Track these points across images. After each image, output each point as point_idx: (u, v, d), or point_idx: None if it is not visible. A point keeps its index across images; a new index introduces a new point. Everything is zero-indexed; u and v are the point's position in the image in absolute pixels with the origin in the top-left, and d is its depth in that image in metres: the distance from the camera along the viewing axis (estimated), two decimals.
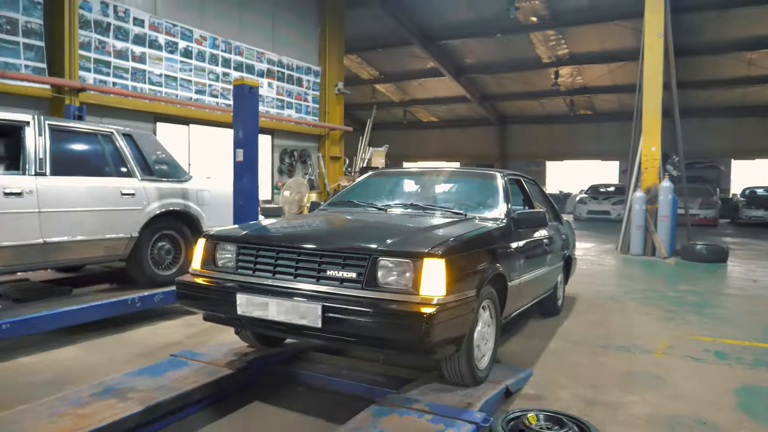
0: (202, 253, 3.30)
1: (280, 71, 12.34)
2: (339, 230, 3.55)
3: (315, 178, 13.40)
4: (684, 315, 5.52)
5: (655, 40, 9.91)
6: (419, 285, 2.67)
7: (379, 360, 3.78)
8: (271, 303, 2.85)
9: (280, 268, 2.99)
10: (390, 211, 3.98)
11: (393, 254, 2.77)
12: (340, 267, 2.83)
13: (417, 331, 2.56)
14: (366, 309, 2.65)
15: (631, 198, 10.21)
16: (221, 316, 3.19)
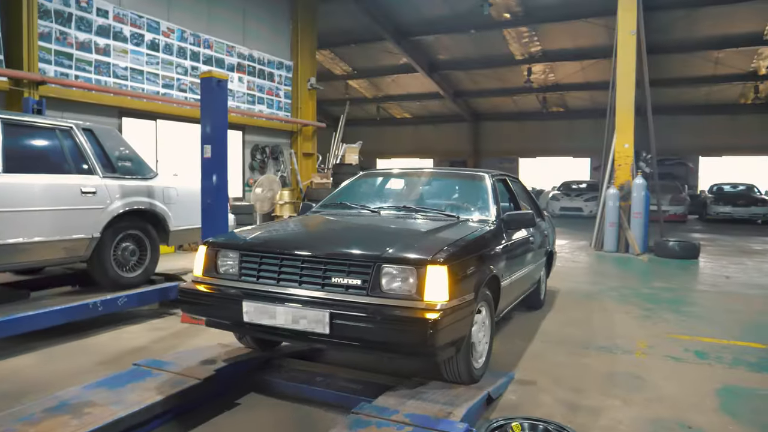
0: (204, 260, 3.29)
1: (250, 65, 12.06)
2: (340, 236, 3.55)
3: (287, 175, 13.15)
4: (661, 313, 5.50)
5: (628, 38, 9.94)
6: (423, 291, 2.75)
7: (356, 366, 3.64)
8: (278, 310, 2.88)
9: (284, 275, 3.02)
10: (383, 213, 4.04)
11: (397, 261, 2.84)
12: (345, 274, 2.89)
13: (423, 336, 2.63)
14: (374, 315, 2.72)
15: (604, 195, 10.24)
16: (226, 324, 3.22)
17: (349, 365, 3.63)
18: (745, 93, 20.82)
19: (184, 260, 8.40)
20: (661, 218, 10.56)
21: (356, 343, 2.84)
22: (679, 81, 19.24)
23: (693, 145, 22.42)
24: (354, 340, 2.81)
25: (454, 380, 3.15)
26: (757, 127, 21.74)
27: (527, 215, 4.02)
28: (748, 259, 9.46)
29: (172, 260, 8.40)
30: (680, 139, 21.49)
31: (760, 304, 6.04)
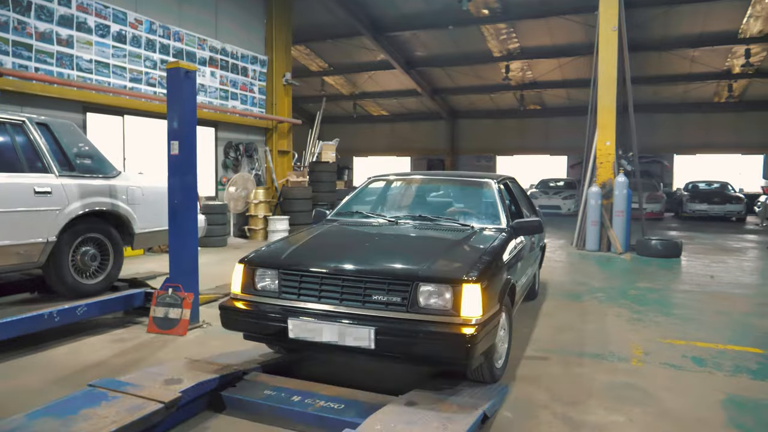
0: (242, 277, 3.43)
1: (223, 60, 11.63)
2: (375, 253, 3.57)
3: (262, 173, 12.76)
4: (651, 316, 5.32)
5: (610, 34, 9.81)
6: (460, 307, 2.94)
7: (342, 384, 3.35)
8: (323, 327, 3.02)
9: (325, 293, 3.16)
10: (401, 223, 4.19)
11: (434, 280, 3.02)
12: (385, 292, 3.04)
13: (462, 350, 2.84)
14: (417, 331, 2.90)
15: (586, 193, 10.10)
16: (269, 339, 3.41)
17: (329, 380, 3.34)
18: (719, 91, 21.00)
19: (153, 263, 8.00)
20: (642, 216, 10.46)
21: (401, 357, 3.03)
22: (656, 79, 19.30)
23: (668, 143, 22.55)
24: (397, 354, 3.01)
25: (477, 380, 3.35)
26: (730, 125, 21.97)
27: (535, 223, 4.17)
28: (728, 257, 9.40)
29: (139, 263, 7.99)
30: (656, 137, 21.60)
31: (748, 305, 5.90)
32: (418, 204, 4.80)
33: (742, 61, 17.34)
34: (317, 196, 12.52)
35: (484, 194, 4.61)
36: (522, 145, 25.25)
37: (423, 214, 4.29)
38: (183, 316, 4.52)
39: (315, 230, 4.15)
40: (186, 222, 4.58)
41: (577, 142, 10.31)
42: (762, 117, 21.42)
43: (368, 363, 3.79)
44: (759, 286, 6.95)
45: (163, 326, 4.54)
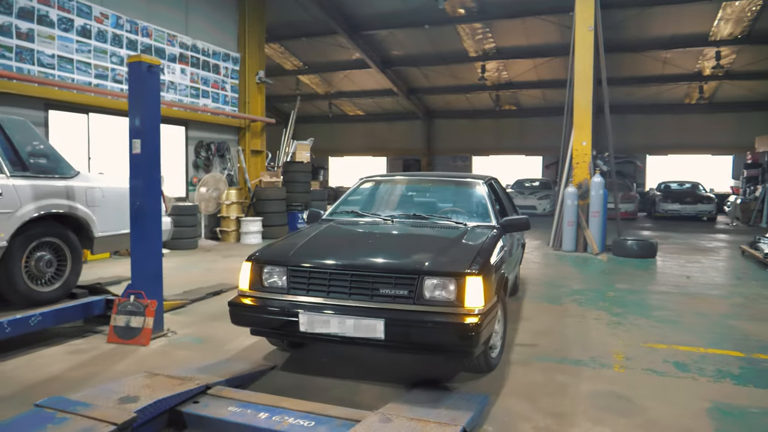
0: (250, 275, 3.55)
1: (194, 56, 11.31)
2: (379, 249, 3.76)
3: (235, 173, 12.45)
4: (631, 318, 5.23)
5: (586, 34, 9.77)
6: (463, 299, 3.14)
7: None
8: (333, 320, 3.20)
9: (333, 288, 3.32)
10: (397, 222, 4.36)
11: (439, 274, 3.22)
12: (392, 286, 3.23)
13: (468, 338, 3.04)
14: (424, 321, 3.10)
15: (562, 193, 10.05)
16: (279, 333, 3.56)
17: (297, 394, 3.15)
18: (690, 93, 21.30)
19: (120, 266, 7.68)
20: (618, 216, 10.45)
21: (409, 347, 3.23)
22: (630, 80, 19.46)
23: (641, 143, 22.80)
24: (406, 344, 3.21)
25: (474, 370, 3.62)
26: (700, 126, 22.31)
27: (523, 220, 4.34)
28: (702, 257, 9.44)
29: (105, 267, 7.67)
30: (629, 137, 21.78)
31: (724, 306, 5.86)
32: (410, 203, 4.99)
33: (713, 63, 17.59)
34: (291, 196, 12.27)
35: (474, 194, 4.81)
36: (498, 145, 25.30)
37: (417, 213, 4.48)
38: (146, 324, 4.28)
39: (314, 229, 4.22)
40: (149, 225, 4.33)
41: (552, 143, 10.30)
42: (731, 118, 21.80)
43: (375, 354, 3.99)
44: (733, 286, 6.94)
45: (125, 336, 4.29)
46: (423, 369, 3.79)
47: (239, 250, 10.14)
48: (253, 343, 4.39)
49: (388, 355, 4.00)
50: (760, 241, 8.81)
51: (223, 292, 6.28)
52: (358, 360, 4.00)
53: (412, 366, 3.85)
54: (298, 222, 12.32)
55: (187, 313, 5.38)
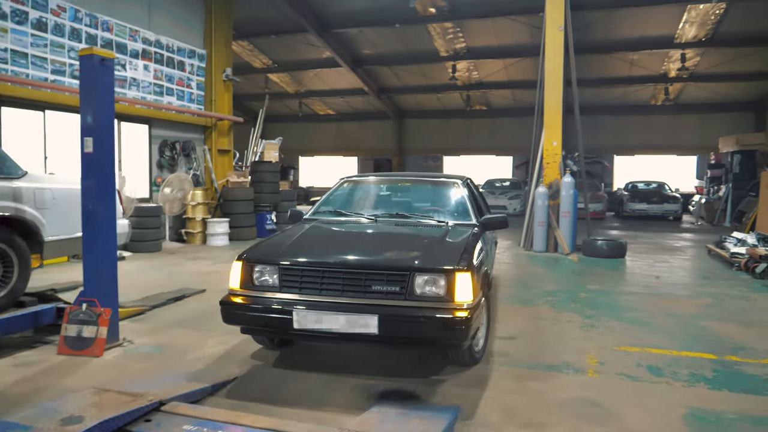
0: (241, 273, 3.57)
1: (158, 52, 10.95)
2: (369, 248, 3.86)
3: (201, 173, 12.12)
4: (603, 320, 5.17)
5: (556, 33, 9.76)
6: (453, 294, 3.25)
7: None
8: (327, 317, 3.25)
9: (326, 285, 3.37)
10: (380, 221, 4.42)
11: (429, 271, 3.32)
12: (384, 283, 3.31)
13: (458, 331, 3.18)
14: (418, 315, 3.20)
15: (533, 194, 10.03)
16: (272, 331, 3.60)
17: (254, 409, 2.97)
18: (656, 94, 21.65)
19: (79, 271, 7.34)
20: (588, 216, 10.48)
21: (403, 341, 3.35)
22: (598, 81, 19.66)
23: (609, 143, 23.09)
24: (399, 338, 3.31)
25: (459, 363, 3.76)
26: (666, 127, 22.71)
27: (501, 218, 4.50)
28: (670, 257, 9.51)
29: (61, 272, 7.33)
30: (597, 137, 21.99)
31: (694, 306, 5.86)
32: (392, 203, 5.05)
33: (678, 65, 17.89)
34: (259, 197, 12.00)
35: (453, 193, 4.94)
36: (469, 145, 25.35)
37: (399, 212, 4.57)
38: (99, 334, 4.03)
39: (299, 229, 4.25)
40: (102, 228, 4.09)
41: (522, 143, 10.31)
42: (695, 120, 22.26)
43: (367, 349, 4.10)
44: (701, 286, 6.97)
45: (76, 347, 4.03)
46: (400, 370, 3.65)
47: (205, 252, 9.85)
48: (217, 351, 4.19)
49: (366, 353, 3.85)
50: (726, 240, 8.92)
51: (185, 297, 6.04)
52: (336, 360, 3.84)
53: (391, 365, 3.70)
54: (266, 223, 12.07)
55: (147, 320, 5.13)
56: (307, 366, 3.89)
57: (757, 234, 8.30)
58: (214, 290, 6.44)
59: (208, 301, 5.96)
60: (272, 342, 4.11)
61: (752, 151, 15.69)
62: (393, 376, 3.66)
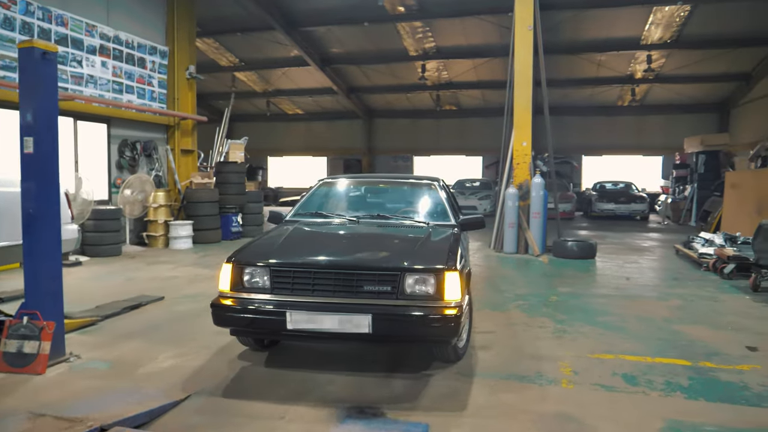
0: (231, 276, 3.57)
1: (117, 49, 10.52)
2: (358, 248, 3.89)
3: (163, 174, 11.71)
4: (576, 325, 5.05)
5: (525, 33, 9.69)
6: (443, 292, 3.35)
7: None
8: (320, 317, 3.31)
9: (318, 286, 3.42)
10: (363, 222, 4.46)
11: (420, 271, 3.41)
12: (376, 283, 3.39)
13: (449, 329, 3.30)
14: (409, 315, 3.28)
15: (503, 195, 9.94)
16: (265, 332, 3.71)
17: (212, 427, 2.74)
18: (622, 95, 21.93)
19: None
20: (558, 218, 10.44)
21: (396, 339, 3.49)
22: (566, 82, 19.79)
23: (577, 144, 23.31)
24: (392, 337, 3.44)
25: (445, 360, 3.86)
26: (632, 128, 23.04)
27: (479, 219, 4.61)
28: (639, 257, 9.53)
29: (8, 279, 6.92)
30: (566, 138, 22.15)
31: (666, 309, 5.80)
32: (372, 204, 5.13)
33: (644, 67, 18.11)
34: (225, 198, 11.66)
35: (431, 194, 5.03)
36: (438, 145, 25.32)
37: (381, 213, 4.63)
38: (41, 350, 3.72)
39: (284, 230, 4.27)
40: (45, 234, 3.78)
41: (492, 143, 10.25)
42: (660, 120, 22.62)
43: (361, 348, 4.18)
44: (671, 287, 6.94)
45: (16, 363, 3.72)
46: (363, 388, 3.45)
47: (167, 256, 9.49)
48: (170, 366, 3.92)
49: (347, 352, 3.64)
50: (694, 240, 8.96)
51: (142, 305, 5.73)
52: (303, 374, 3.61)
53: (355, 383, 3.50)
54: (231, 225, 11.74)
55: (98, 331, 4.81)
56: (263, 385, 3.66)
57: (724, 234, 8.35)
58: (173, 297, 6.14)
59: (166, 308, 5.67)
60: (259, 343, 4.12)
61: (716, 152, 15.96)
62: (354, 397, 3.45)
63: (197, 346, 4.36)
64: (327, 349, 4.27)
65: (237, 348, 4.25)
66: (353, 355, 4.13)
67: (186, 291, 6.55)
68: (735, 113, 20.75)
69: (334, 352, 4.23)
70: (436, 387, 3.53)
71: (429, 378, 3.67)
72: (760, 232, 6.38)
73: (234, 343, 4.31)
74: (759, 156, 13.70)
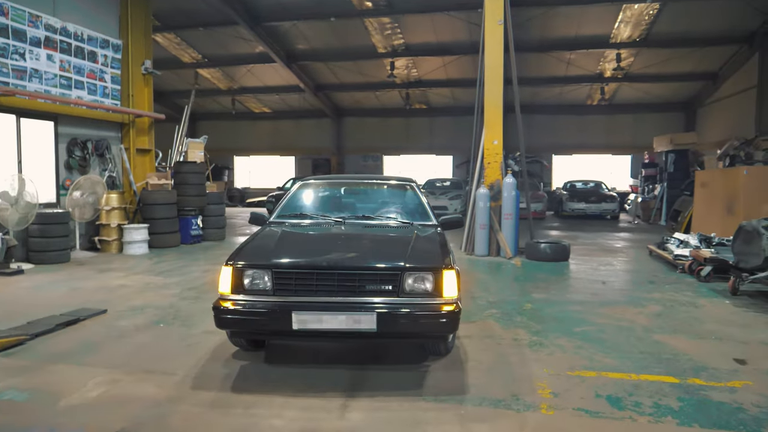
0: (231, 279, 3.56)
1: (64, 41, 9.84)
2: (353, 249, 3.87)
3: (118, 175, 11.05)
4: (552, 337, 4.71)
5: (495, 28, 9.37)
6: (441, 290, 3.47)
7: None
8: (326, 316, 3.35)
9: (320, 287, 3.47)
10: (349, 222, 4.52)
11: (419, 270, 3.51)
12: (378, 282, 3.48)
13: (449, 324, 3.48)
14: (413, 312, 3.40)
15: (474, 195, 9.61)
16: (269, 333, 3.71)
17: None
18: (591, 94, 21.91)
19: None
20: (531, 218, 10.14)
21: (399, 336, 3.58)
22: (535, 80, 19.65)
23: (547, 143, 23.22)
24: (396, 333, 3.51)
25: (437, 354, 4.03)
26: (602, 126, 23.06)
27: (457, 218, 4.75)
28: (613, 259, 9.31)
29: None
30: (535, 137, 22.00)
31: (645, 316, 5.50)
32: (353, 205, 5.22)
33: (614, 65, 18.05)
34: (184, 200, 11.07)
35: (410, 195, 5.15)
36: (408, 144, 24.98)
37: (365, 214, 4.71)
38: None
39: (273, 232, 4.29)
40: None
41: (462, 143, 9.97)
42: (629, 120, 22.70)
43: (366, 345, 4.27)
44: (648, 291, 6.68)
45: None
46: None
47: (120, 262, 8.90)
48: (98, 395, 3.43)
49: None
50: (668, 241, 8.76)
51: (81, 321, 5.18)
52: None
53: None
54: (191, 228, 11.16)
55: (24, 353, 4.28)
56: (209, 418, 3.20)
57: (699, 235, 8.15)
58: (117, 310, 5.61)
59: (107, 324, 5.15)
60: (251, 344, 4.15)
61: (685, 151, 15.95)
62: None
63: (134, 369, 3.88)
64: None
65: (180, 370, 3.78)
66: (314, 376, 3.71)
67: (133, 302, 6.03)
68: (701, 112, 20.90)
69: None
70: (393, 422, 3.11)
71: (392, 404, 3.26)
72: (739, 234, 6.15)
73: (178, 365, 3.84)
74: (727, 155, 13.67)
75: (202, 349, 4.32)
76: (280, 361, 4.08)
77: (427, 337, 3.73)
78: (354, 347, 4.31)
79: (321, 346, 4.34)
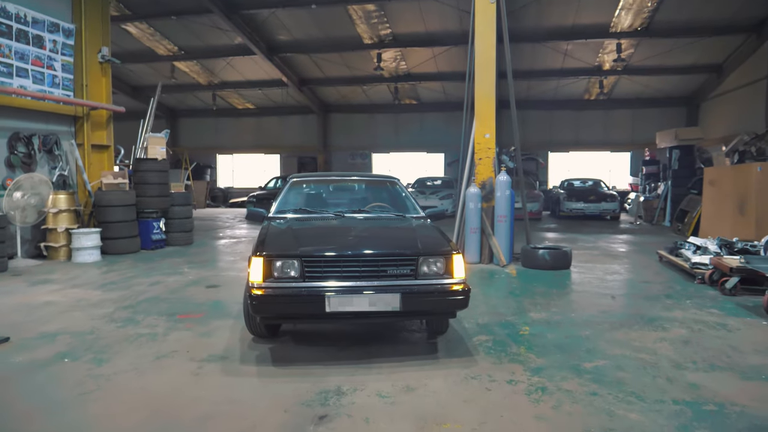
0: (263, 268, 3.81)
1: (4, 23, 8.76)
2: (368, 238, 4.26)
3: (71, 173, 9.96)
4: (557, 378, 3.67)
5: (487, 8, 8.32)
6: (452, 271, 3.94)
7: None
8: (356, 299, 3.73)
9: (347, 272, 3.84)
10: (348, 216, 4.91)
11: (434, 254, 3.97)
12: (398, 266, 3.89)
13: (462, 301, 3.91)
14: (432, 291, 3.86)
15: (464, 195, 8.58)
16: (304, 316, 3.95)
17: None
18: (589, 88, 20.90)
19: None
20: (526, 220, 9.12)
21: (420, 313, 4.12)
22: (530, 74, 18.65)
23: (542, 140, 22.24)
24: (416, 312, 4.00)
25: (437, 332, 4.58)
26: (600, 122, 22.09)
27: (441, 211, 5.28)
28: (619, 266, 8.32)
29: None
30: (530, 133, 21.03)
31: (669, 345, 4.45)
32: (346, 200, 5.65)
33: (614, 56, 17.06)
34: (144, 201, 9.99)
35: (396, 190, 5.62)
36: (398, 141, 23.92)
37: (361, 208, 5.14)
38: None
39: (282, 226, 4.56)
40: None
41: (453, 139, 9.02)
42: (628, 115, 21.71)
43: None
44: (668, 308, 5.66)
45: None
46: None
47: (63, 272, 7.82)
48: None
49: None
50: (683, 246, 7.75)
51: None
52: None
53: None
54: (153, 232, 10.07)
55: None
56: None
57: (719, 240, 7.16)
58: (23, 337, 4.58)
59: (4, 356, 4.09)
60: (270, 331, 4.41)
61: (690, 147, 14.98)
62: None
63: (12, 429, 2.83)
64: None
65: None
66: None
67: (49, 326, 4.97)
68: (705, 107, 19.93)
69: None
70: None
71: None
72: None
73: None
74: (736, 150, 12.72)
75: (96, 403, 3.27)
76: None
77: (441, 314, 4.16)
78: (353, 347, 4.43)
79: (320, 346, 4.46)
